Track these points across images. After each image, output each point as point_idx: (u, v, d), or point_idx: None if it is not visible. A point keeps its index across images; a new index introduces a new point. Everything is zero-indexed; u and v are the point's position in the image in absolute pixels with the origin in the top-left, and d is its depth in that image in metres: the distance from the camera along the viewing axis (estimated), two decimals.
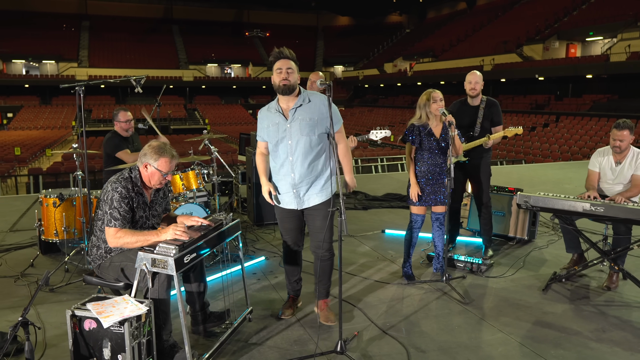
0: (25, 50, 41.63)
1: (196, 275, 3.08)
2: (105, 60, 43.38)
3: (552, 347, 3.00)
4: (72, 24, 47.12)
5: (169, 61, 45.77)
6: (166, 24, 50.82)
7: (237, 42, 51.00)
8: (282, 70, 2.99)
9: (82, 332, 2.47)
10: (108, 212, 2.72)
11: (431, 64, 38.15)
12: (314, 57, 52.77)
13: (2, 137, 26.76)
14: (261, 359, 2.88)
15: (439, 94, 3.89)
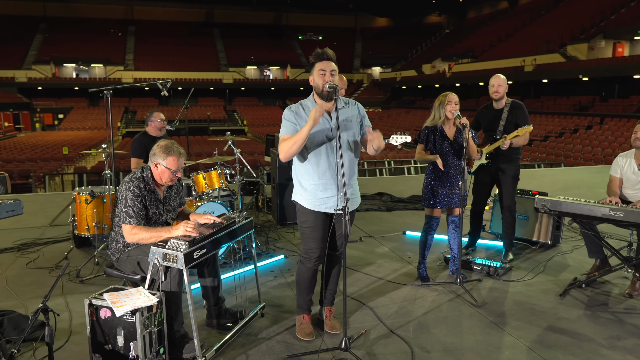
0: (76, 55, 43.50)
1: (210, 271, 3.21)
2: (149, 64, 44.78)
3: (562, 353, 2.97)
4: (119, 28, 48.91)
5: (210, 64, 46.81)
6: (207, 27, 52.00)
7: (275, 44, 51.64)
8: (326, 72, 2.91)
9: (99, 320, 2.63)
10: (123, 211, 2.88)
11: (470, 65, 37.50)
12: (352, 59, 52.79)
13: (52, 137, 28.10)
14: (268, 352, 2.98)
15: (454, 97, 3.90)
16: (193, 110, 41.66)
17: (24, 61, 41.62)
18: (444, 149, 3.92)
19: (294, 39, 53.87)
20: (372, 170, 15.48)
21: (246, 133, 34.59)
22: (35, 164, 16.45)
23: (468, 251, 4.83)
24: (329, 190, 2.98)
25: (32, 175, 13.70)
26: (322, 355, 2.93)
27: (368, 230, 5.69)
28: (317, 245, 3.07)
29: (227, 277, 4.00)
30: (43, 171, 14.39)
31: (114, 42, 46.76)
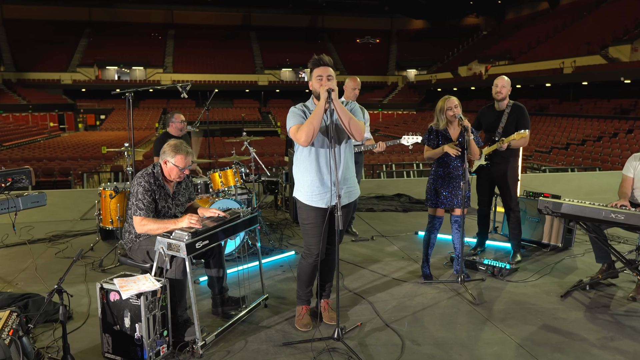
0: (118, 58, 45.13)
1: (215, 262, 3.42)
2: (187, 66, 45.97)
3: (551, 351, 3.02)
4: (159, 32, 50.41)
5: (246, 66, 47.64)
6: (244, 30, 52.93)
7: (311, 47, 52.00)
8: (323, 77, 3.08)
9: (108, 302, 2.87)
10: (134, 203, 3.12)
11: (507, 67, 36.82)
12: (387, 61, 52.64)
13: (93, 137, 29.26)
14: (266, 339, 3.16)
15: (453, 101, 3.99)
16: (228, 112, 42.52)
17: (69, 64, 43.46)
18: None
19: (330, 42, 54.14)
20: (400, 172, 15.51)
21: (279, 134, 35.02)
22: (76, 162, 17.22)
23: (476, 252, 4.89)
24: (325, 186, 3.13)
25: (71, 173, 14.39)
26: (316, 344, 3.08)
27: (381, 229, 5.80)
28: (317, 242, 3.22)
29: (239, 270, 4.21)
30: (82, 169, 15.07)
31: (154, 46, 48.21)
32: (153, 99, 43.41)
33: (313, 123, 2.98)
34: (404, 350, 3.02)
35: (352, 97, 5.21)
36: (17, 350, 2.42)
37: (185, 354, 2.96)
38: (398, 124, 38.02)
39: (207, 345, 3.02)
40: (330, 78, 3.09)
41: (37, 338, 3.17)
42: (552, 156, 19.77)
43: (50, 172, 14.99)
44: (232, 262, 4.51)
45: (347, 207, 3.30)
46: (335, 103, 2.98)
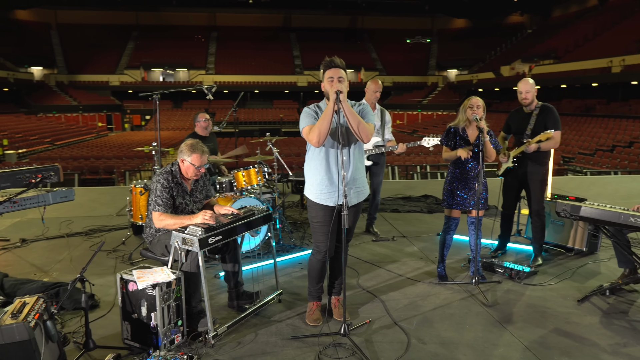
0: (163, 60, 46.54)
1: (230, 257, 3.57)
2: (228, 67, 46.91)
3: (558, 354, 3.01)
4: (202, 34, 51.65)
5: (285, 67, 48.15)
6: (285, 32, 53.50)
7: (350, 47, 52.03)
8: (334, 79, 3.15)
9: (127, 292, 3.06)
10: (154, 200, 3.31)
11: (552, 66, 35.73)
12: (427, 61, 52.02)
13: (138, 136, 30.32)
14: (277, 332, 3.28)
15: (477, 101, 3.99)
16: (268, 112, 43.12)
17: (117, 66, 45.15)
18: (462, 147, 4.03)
19: (369, 42, 54.01)
20: (434, 174, 15.38)
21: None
22: (120, 161, 17.93)
23: (497, 254, 4.85)
24: (334, 185, 3.22)
25: (115, 171, 15.01)
26: (323, 338, 3.17)
27: (404, 230, 5.83)
28: (325, 239, 3.32)
29: (254, 267, 4.35)
30: (125, 167, 15.70)
31: (197, 48, 49.42)
32: (196, 100, 44.53)
33: (322, 124, 3.08)
34: (409, 348, 3.07)
35: (374, 99, 5.27)
36: (41, 332, 2.62)
37: (197, 343, 3.11)
38: (437, 124, 37.52)
39: (219, 336, 3.16)
40: (340, 79, 3.16)
41: (65, 324, 3.41)
42: (595, 158, 19.09)
43: (96, 170, 15.68)
44: (253, 258, 4.66)
45: (356, 206, 3.37)
46: (344, 104, 3.05)
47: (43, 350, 2.56)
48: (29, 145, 24.17)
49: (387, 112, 5.45)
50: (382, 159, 5.42)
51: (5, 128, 27.19)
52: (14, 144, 23.34)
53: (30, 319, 2.59)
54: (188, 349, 3.03)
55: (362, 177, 3.36)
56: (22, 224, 6.05)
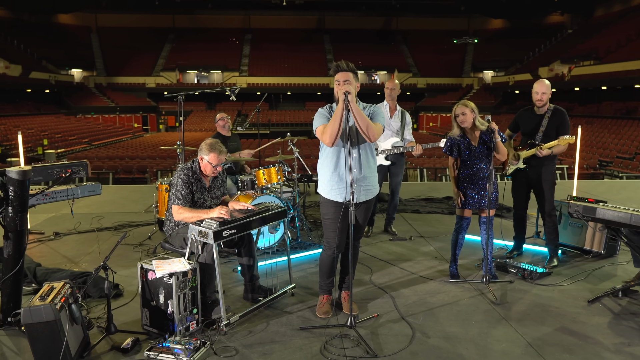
0: (198, 62, 47.53)
1: (246, 252, 3.74)
2: (262, 69, 47.53)
3: (560, 351, 3.05)
4: (237, 36, 52.50)
5: (318, 69, 48.40)
6: (318, 33, 53.78)
7: (384, 49, 51.90)
8: (340, 82, 3.32)
9: (147, 281, 3.27)
10: (174, 194, 3.51)
11: (593, 67, 34.70)
12: (462, 62, 51.37)
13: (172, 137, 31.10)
14: (287, 323, 3.43)
15: (462, 109, 4.03)
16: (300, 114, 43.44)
17: (153, 68, 46.40)
18: (470, 154, 4.08)
19: (403, 43, 53.73)
20: None
21: None
22: (153, 160, 18.48)
23: (512, 255, 4.86)
24: (343, 181, 3.34)
25: (147, 171, 15.52)
26: (330, 330, 3.30)
27: (422, 230, 5.89)
28: (335, 235, 3.45)
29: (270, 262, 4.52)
30: (158, 167, 16.20)
31: (231, 50, 50.27)
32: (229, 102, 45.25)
33: (333, 125, 3.22)
34: (412, 341, 3.17)
35: (391, 97, 5.37)
36: (66, 315, 2.85)
37: (211, 331, 3.29)
38: None
39: (232, 325, 3.34)
40: (347, 82, 3.30)
41: (91, 310, 3.65)
42: (635, 163, 18.50)
43: (129, 170, 16.23)
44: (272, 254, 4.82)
45: (366, 203, 3.48)
46: (352, 105, 3.18)
47: (67, 330, 2.78)
48: (68, 145, 25.16)
49: (408, 113, 5.53)
50: (401, 160, 5.51)
51: (46, 128, 28.39)
52: (54, 144, 24.35)
53: (57, 301, 2.82)
54: (202, 336, 3.21)
55: (372, 175, 3.47)
56: (56, 218, 6.41)
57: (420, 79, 48.33)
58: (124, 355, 3.01)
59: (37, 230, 5.81)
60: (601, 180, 13.17)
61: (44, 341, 2.73)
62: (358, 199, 3.37)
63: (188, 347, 2.97)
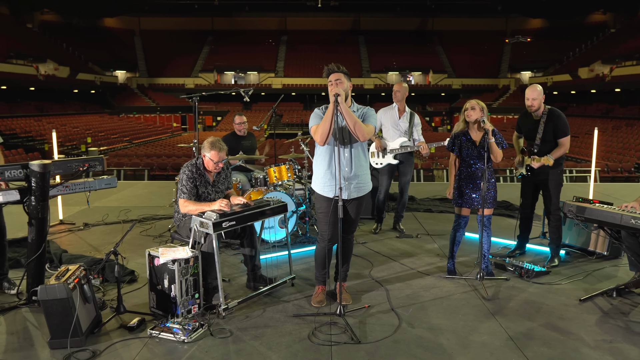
0: (235, 63, 48.56)
1: (247, 242, 3.99)
2: (297, 70, 48.07)
3: (539, 345, 3.15)
4: (273, 38, 53.27)
5: (352, 70, 48.26)
6: (353, 34, 53.91)
7: (419, 49, 51.55)
8: (332, 82, 3.56)
9: (154, 266, 3.56)
10: (180, 188, 3.80)
11: (636, 68, 33.47)
12: (499, 63, 50.43)
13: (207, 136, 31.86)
14: (282, 310, 3.65)
15: (472, 103, 4.16)
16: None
17: (192, 70, 47.70)
18: (469, 152, 4.21)
19: (439, 44, 53.21)
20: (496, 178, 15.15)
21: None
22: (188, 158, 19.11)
23: (515, 254, 4.94)
24: (334, 179, 3.54)
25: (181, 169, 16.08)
26: (321, 317, 3.51)
27: (430, 229, 6.01)
28: (327, 229, 3.66)
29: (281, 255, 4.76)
30: None
31: (268, 51, 51.06)
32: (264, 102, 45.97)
33: (324, 125, 3.43)
34: (397, 331, 3.33)
35: (398, 100, 5.54)
36: (78, 294, 3.16)
37: (211, 314, 3.55)
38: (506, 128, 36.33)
39: (231, 310, 3.59)
40: (338, 82, 3.50)
41: (107, 293, 3.98)
42: None
43: (164, 167, 16.87)
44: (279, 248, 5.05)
45: (358, 199, 3.67)
46: (342, 107, 3.38)
47: (78, 307, 3.09)
48: (110, 143, 26.24)
49: (417, 114, 5.68)
50: (410, 159, 5.65)
51: (90, 127, 29.67)
52: (97, 142, 25.45)
53: (70, 281, 3.13)
54: (201, 319, 3.47)
55: (364, 174, 3.66)
56: (87, 211, 6.85)
57: (455, 80, 47.76)
58: (130, 332, 3.30)
59: (69, 221, 6.25)
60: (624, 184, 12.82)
61: (57, 316, 3.05)
62: (349, 195, 3.58)
63: (187, 328, 3.24)
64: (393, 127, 5.55)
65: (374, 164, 5.68)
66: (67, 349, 3.01)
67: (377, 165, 5.66)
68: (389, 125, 5.56)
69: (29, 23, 43.85)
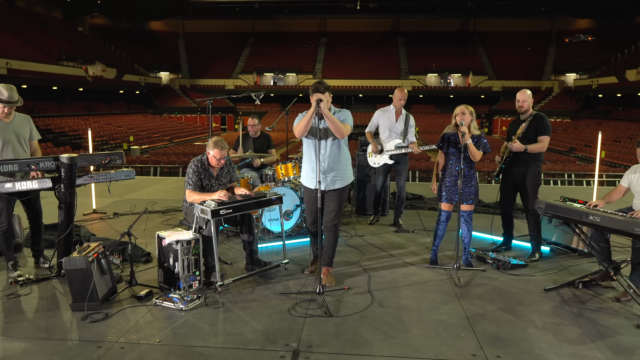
0: (274, 65, 49.56)
1: (245, 229, 4.51)
2: (335, 72, 48.59)
3: (490, 324, 3.52)
4: (313, 40, 54.02)
5: (391, 72, 48.69)
6: (393, 36, 53.96)
7: (459, 51, 51.07)
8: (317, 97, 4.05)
9: (161, 247, 4.13)
10: (187, 180, 4.37)
11: None
12: (543, 65, 49.31)
13: None
14: (272, 289, 4.15)
15: (462, 108, 4.54)
16: (369, 116, 43.91)
17: (233, 71, 49.02)
18: (453, 151, 4.59)
19: (480, 45, 52.53)
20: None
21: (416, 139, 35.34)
22: None
23: (500, 249, 5.26)
24: (314, 172, 4.09)
25: None
26: (303, 296, 3.99)
27: (429, 225, 6.37)
28: (309, 215, 4.25)
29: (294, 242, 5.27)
30: None
31: (306, 53, 51.82)
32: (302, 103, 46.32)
33: (301, 123, 4.04)
34: (367, 308, 3.77)
35: (399, 106, 5.98)
36: (96, 266, 3.76)
37: (209, 289, 4.10)
38: None
39: (226, 286, 4.12)
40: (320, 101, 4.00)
41: (124, 270, 4.59)
42: None
43: None
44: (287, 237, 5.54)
45: (337, 191, 4.17)
46: (323, 111, 3.89)
47: (95, 277, 3.68)
48: (151, 142, 27.55)
49: (412, 116, 6.09)
50: (404, 159, 6.06)
51: (133, 126, 31.17)
52: (139, 141, 26.78)
53: (90, 255, 3.74)
54: (200, 292, 4.02)
55: (341, 169, 4.17)
56: (119, 202, 7.58)
57: (495, 82, 47.06)
58: (139, 301, 3.88)
59: (101, 210, 6.97)
60: None
61: (77, 283, 3.66)
62: (327, 187, 4.08)
63: (186, 299, 3.79)
64: (389, 129, 5.97)
65: (372, 164, 6.13)
66: (85, 311, 3.62)
67: (375, 165, 6.10)
68: (385, 126, 5.99)
69: (80, 27, 46.35)
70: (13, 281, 4.19)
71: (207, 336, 3.32)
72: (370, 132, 6.25)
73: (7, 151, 4.24)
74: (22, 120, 4.40)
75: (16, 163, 4.05)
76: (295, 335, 3.34)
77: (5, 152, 4.23)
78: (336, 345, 3.21)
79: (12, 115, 4.30)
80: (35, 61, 30.38)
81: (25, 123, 4.41)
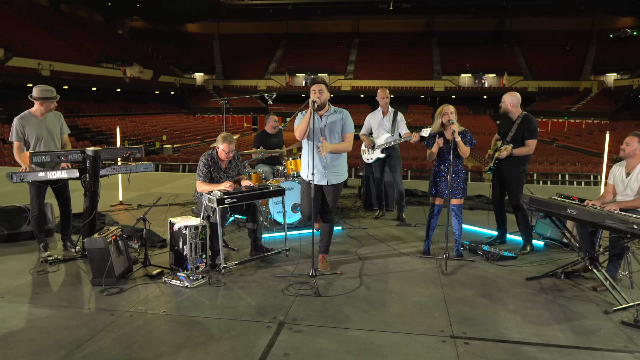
0: (306, 66, 50.14)
1: (251, 218, 4.92)
2: (367, 73, 48.78)
3: (464, 307, 3.80)
4: (345, 41, 54.35)
5: (423, 72, 48.50)
6: (426, 36, 53.69)
7: (494, 51, 50.39)
8: (315, 91, 4.43)
9: (172, 232, 4.59)
10: (197, 172, 4.81)
11: None
12: (581, 65, 48.08)
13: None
14: (269, 272, 4.54)
15: (449, 108, 4.81)
16: None
17: (265, 72, 49.88)
18: (442, 149, 4.88)
19: (516, 45, 51.67)
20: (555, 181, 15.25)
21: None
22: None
23: (494, 243, 5.50)
24: (310, 167, 4.41)
25: None
26: (298, 278, 4.36)
27: None
28: (306, 206, 4.58)
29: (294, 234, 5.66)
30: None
31: (339, 54, 52.20)
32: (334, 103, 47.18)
33: (301, 124, 4.34)
34: (354, 290, 4.12)
35: (384, 104, 6.39)
36: (113, 247, 4.24)
37: (214, 271, 4.53)
38: (582, 134, 34.91)
39: (229, 268, 4.54)
40: (321, 92, 4.35)
41: (141, 253, 5.07)
42: None
43: None
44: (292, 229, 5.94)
45: (334, 186, 4.52)
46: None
47: (112, 256, 4.16)
48: (183, 141, 28.49)
49: (399, 112, 6.47)
50: (395, 152, 6.43)
51: (167, 125, 32.26)
52: (171, 139, 27.75)
53: (109, 237, 4.23)
54: (205, 273, 4.45)
55: (337, 165, 4.52)
56: (144, 195, 8.14)
57: (531, 82, 46.24)
58: (150, 279, 4.34)
59: (127, 202, 7.53)
60: None
61: (97, 261, 4.15)
62: (320, 181, 4.44)
63: (191, 278, 4.23)
64: (379, 127, 6.40)
65: (366, 160, 6.57)
66: (102, 286, 4.10)
67: (369, 161, 6.52)
68: (375, 125, 6.44)
69: (119, 29, 48.15)
70: (43, 260, 4.73)
71: (206, 309, 3.74)
72: (364, 134, 6.63)
73: (40, 145, 4.79)
74: (54, 116, 4.94)
75: (48, 155, 4.58)
76: (284, 310, 3.72)
77: (38, 145, 4.78)
78: (319, 319, 3.58)
79: (46, 113, 4.85)
80: (77, 63, 31.91)
81: (56, 119, 4.95)
